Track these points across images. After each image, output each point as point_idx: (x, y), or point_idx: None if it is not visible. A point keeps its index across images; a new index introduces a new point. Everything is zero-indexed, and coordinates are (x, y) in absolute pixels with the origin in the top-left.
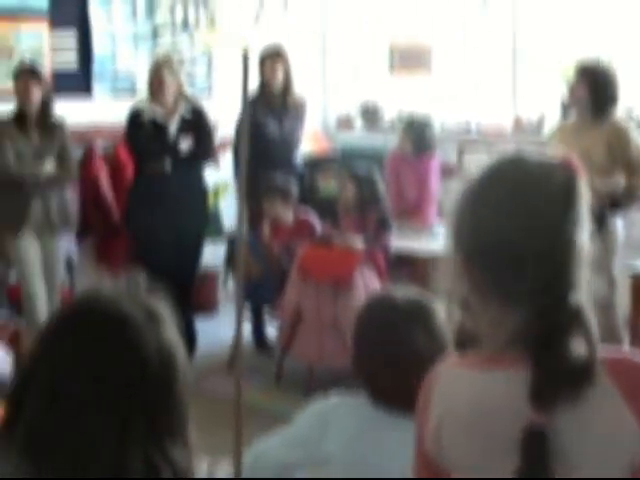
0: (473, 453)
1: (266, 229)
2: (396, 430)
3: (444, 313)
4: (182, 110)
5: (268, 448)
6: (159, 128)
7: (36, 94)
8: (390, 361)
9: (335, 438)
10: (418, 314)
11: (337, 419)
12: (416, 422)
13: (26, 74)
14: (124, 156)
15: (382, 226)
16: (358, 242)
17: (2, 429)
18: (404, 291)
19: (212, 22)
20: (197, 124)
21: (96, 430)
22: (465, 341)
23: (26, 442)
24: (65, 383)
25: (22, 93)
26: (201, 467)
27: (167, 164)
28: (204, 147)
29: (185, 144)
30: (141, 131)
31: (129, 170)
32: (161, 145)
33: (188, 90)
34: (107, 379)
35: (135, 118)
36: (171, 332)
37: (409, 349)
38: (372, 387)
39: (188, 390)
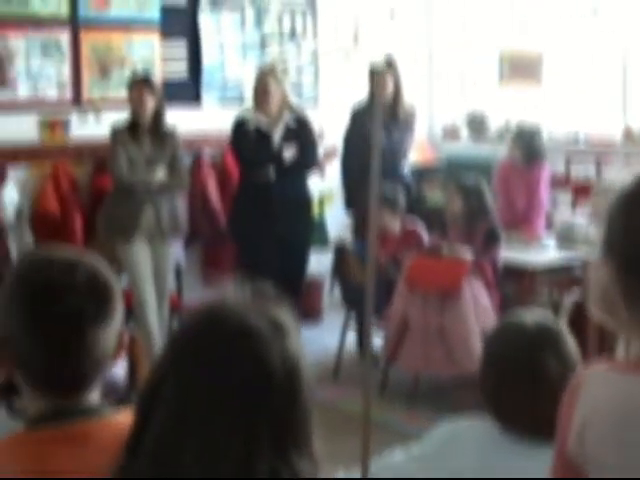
0: (618, 454)
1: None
2: (525, 458)
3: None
4: (286, 119)
5: (393, 463)
6: (263, 137)
7: (149, 103)
8: (521, 388)
9: (462, 461)
10: (549, 339)
11: (465, 442)
12: (559, 423)
13: (140, 84)
14: (231, 164)
15: (490, 238)
16: (466, 253)
17: (129, 443)
18: (533, 315)
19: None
20: (301, 133)
21: (222, 444)
22: None
23: (153, 458)
24: (190, 397)
25: (136, 102)
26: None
27: (271, 172)
28: (308, 156)
29: (289, 153)
30: (245, 140)
31: (236, 178)
32: (265, 153)
33: (294, 99)
34: (233, 393)
35: (240, 127)
36: (295, 343)
37: (540, 375)
38: (501, 413)
39: (313, 401)
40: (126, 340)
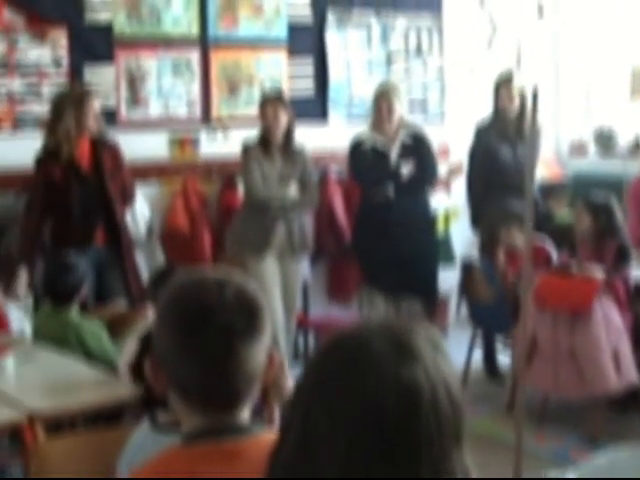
0: None
1: (501, 256)
2: None
3: None
4: (402, 136)
5: None
6: (380, 155)
7: (283, 120)
8: None
9: None
10: None
11: (626, 473)
12: None
13: (274, 101)
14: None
15: (621, 256)
16: (597, 271)
17: (270, 460)
18: None
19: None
20: (418, 149)
21: (339, 475)
22: None
23: (283, 474)
24: (312, 419)
25: (271, 119)
26: None
27: (390, 190)
28: (426, 171)
29: (406, 169)
30: (363, 160)
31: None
32: (383, 171)
33: (419, 116)
34: (345, 423)
35: (357, 148)
36: (420, 367)
37: None
38: None
39: (448, 429)
40: (277, 358)
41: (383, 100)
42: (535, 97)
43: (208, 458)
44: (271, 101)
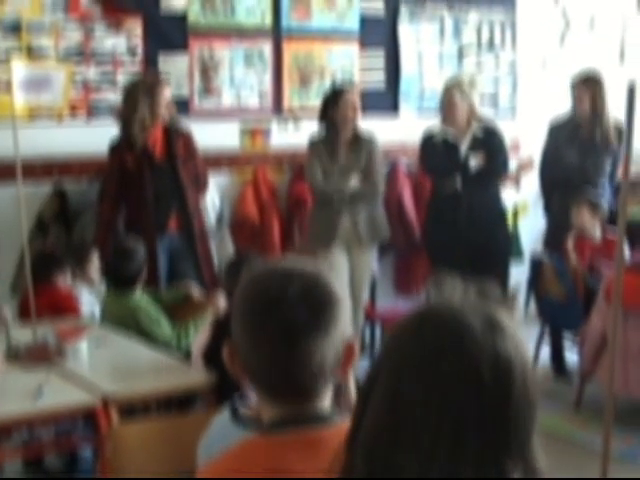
0: None
1: (570, 242)
2: None
3: None
4: (474, 129)
5: None
6: (450, 147)
7: (357, 112)
8: None
9: None
10: None
11: None
12: None
13: (352, 92)
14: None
15: None
16: None
17: (347, 440)
18: None
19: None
20: (489, 142)
21: (427, 443)
22: None
23: (367, 453)
24: (399, 394)
25: (350, 111)
26: None
27: (458, 182)
28: (495, 163)
29: (474, 161)
30: (433, 152)
31: (430, 188)
32: (452, 163)
33: (490, 110)
34: (440, 391)
35: (428, 140)
36: (512, 343)
37: None
38: None
39: (532, 408)
40: (357, 349)
41: (445, 95)
42: (632, 93)
43: (289, 447)
44: (350, 92)
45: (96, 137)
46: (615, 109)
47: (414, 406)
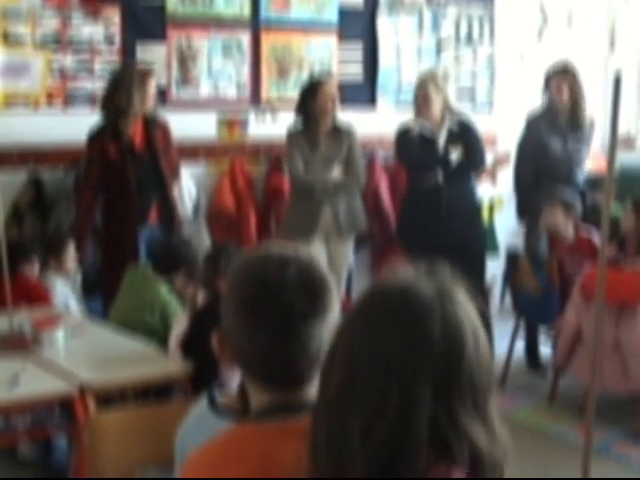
0: None
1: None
2: None
3: None
4: (449, 123)
5: None
6: (427, 142)
7: (337, 103)
8: None
9: None
10: None
11: None
12: None
13: (333, 83)
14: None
15: None
16: None
17: (312, 415)
18: None
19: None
20: (465, 136)
21: (378, 407)
22: None
23: (326, 424)
24: (355, 362)
25: (330, 102)
26: None
27: (439, 176)
28: (474, 157)
29: (454, 155)
30: (410, 146)
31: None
32: (431, 157)
33: (467, 105)
34: (389, 355)
35: (404, 134)
36: (463, 310)
37: None
38: None
39: (485, 372)
40: None
41: (418, 88)
42: (618, 83)
43: (279, 435)
44: (328, 84)
45: (73, 126)
46: (592, 100)
47: (366, 373)
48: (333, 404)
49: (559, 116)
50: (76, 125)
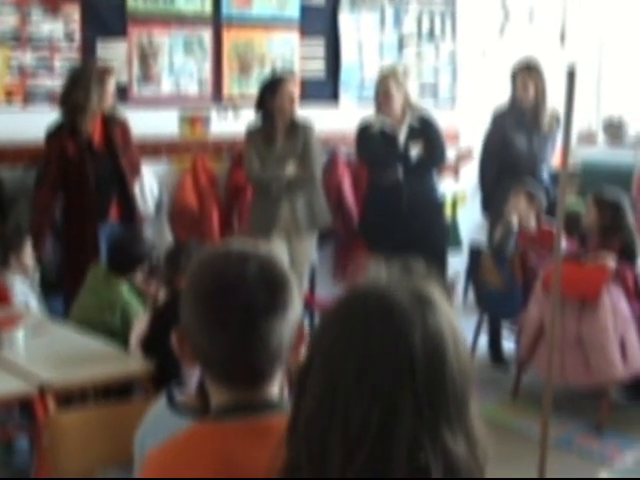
0: None
1: (514, 220)
2: None
3: None
4: (410, 119)
5: None
6: (388, 138)
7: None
8: None
9: None
10: None
11: None
12: None
13: (293, 80)
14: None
15: (625, 255)
16: (609, 260)
17: (288, 428)
18: None
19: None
20: (426, 132)
21: (360, 422)
22: None
23: (305, 439)
24: (333, 375)
25: (290, 101)
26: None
27: (399, 172)
28: (434, 153)
29: (415, 151)
30: (371, 142)
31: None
32: (392, 153)
33: (430, 100)
34: (372, 366)
35: (364, 131)
36: (443, 317)
37: None
38: None
39: (467, 379)
40: (306, 332)
41: (380, 85)
42: (572, 77)
43: (238, 434)
44: (288, 82)
45: (32, 123)
46: (554, 97)
47: (346, 386)
48: (312, 421)
49: (524, 113)
50: (36, 123)
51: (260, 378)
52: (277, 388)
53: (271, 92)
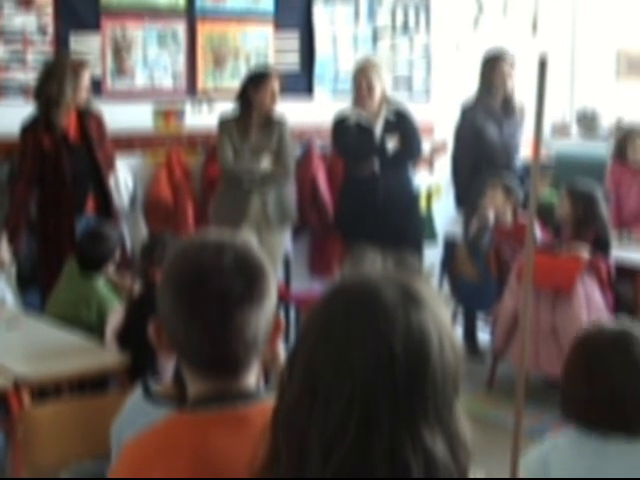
0: None
1: (491, 215)
2: (618, 456)
3: None
4: (386, 112)
5: None
6: (364, 131)
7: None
8: (608, 391)
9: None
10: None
11: (557, 458)
12: None
13: (276, 77)
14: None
15: (598, 247)
16: (583, 251)
17: (271, 422)
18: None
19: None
20: (402, 125)
21: (340, 418)
22: None
23: (285, 434)
24: (313, 371)
25: (272, 97)
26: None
27: (375, 165)
28: (410, 146)
29: (391, 144)
30: (347, 135)
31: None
32: (368, 146)
33: (404, 93)
34: (352, 365)
35: (340, 123)
36: (430, 314)
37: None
38: (587, 417)
39: (451, 378)
40: (282, 322)
41: (362, 77)
42: (543, 66)
43: (214, 424)
44: (272, 78)
45: (6, 117)
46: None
47: (326, 384)
48: (292, 419)
49: (494, 103)
50: (9, 117)
51: (236, 367)
52: (254, 378)
53: (254, 85)
